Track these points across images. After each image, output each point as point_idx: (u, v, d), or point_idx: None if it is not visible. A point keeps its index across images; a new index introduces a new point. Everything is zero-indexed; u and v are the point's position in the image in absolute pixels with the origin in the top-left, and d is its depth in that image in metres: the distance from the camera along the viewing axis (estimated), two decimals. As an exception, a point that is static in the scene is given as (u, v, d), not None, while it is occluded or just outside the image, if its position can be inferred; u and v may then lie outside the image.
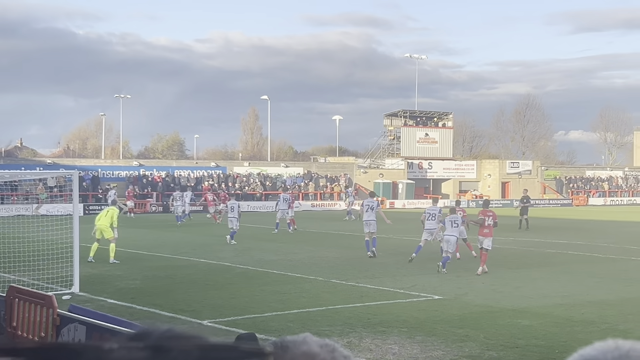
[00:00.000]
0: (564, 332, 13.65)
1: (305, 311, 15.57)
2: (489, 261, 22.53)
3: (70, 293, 17.26)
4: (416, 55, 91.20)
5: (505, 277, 20.98)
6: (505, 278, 20.74)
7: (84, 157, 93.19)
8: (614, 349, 1.06)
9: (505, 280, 20.27)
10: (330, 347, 1.06)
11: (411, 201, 69.89)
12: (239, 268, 22.50)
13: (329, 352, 1.04)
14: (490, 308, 16.02)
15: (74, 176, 18.90)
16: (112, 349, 0.57)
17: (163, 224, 43.17)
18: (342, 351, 1.06)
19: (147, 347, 0.57)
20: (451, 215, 23.16)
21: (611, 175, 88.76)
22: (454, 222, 22.90)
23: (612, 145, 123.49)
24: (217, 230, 38.37)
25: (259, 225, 42.25)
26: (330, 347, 1.05)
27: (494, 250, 28.37)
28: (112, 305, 15.97)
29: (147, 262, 24.03)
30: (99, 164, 66.65)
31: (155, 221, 45.35)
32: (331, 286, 19.09)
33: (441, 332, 13.55)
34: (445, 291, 18.24)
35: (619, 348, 1.06)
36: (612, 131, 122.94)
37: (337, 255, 26.24)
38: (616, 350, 1.05)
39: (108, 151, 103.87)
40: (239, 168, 70.26)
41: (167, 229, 39.75)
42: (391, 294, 17.81)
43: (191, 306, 15.98)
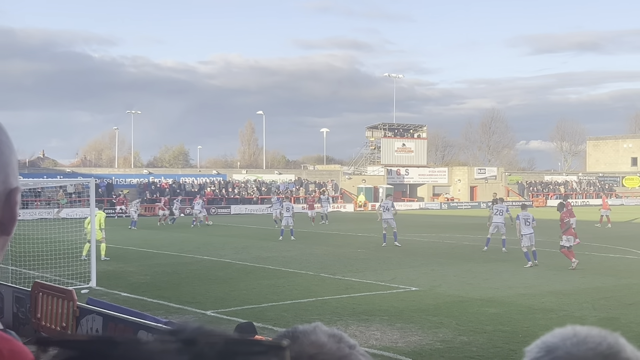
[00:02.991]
0: (526, 318, 13.69)
1: (297, 302, 15.55)
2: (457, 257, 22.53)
3: (88, 287, 17.20)
4: (394, 75, 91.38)
5: (474, 270, 21.01)
6: (474, 272, 20.77)
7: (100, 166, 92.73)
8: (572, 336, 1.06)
9: (474, 274, 20.30)
10: (338, 337, 1.05)
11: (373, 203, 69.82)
12: (238, 264, 22.46)
13: (336, 342, 1.04)
14: (461, 298, 16.04)
15: (90, 183, 18.85)
16: (148, 342, 0.59)
17: (170, 226, 43.03)
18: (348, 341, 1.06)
19: (178, 340, 0.59)
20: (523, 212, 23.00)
21: (567, 180, 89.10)
22: (527, 220, 22.66)
23: (568, 153, 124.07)
24: (217, 231, 38.30)
25: (256, 226, 42.18)
26: (337, 337, 1.05)
27: (463, 247, 28.46)
28: (126, 298, 15.91)
29: (156, 259, 23.95)
30: (112, 172, 66.36)
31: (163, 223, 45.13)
32: (320, 280, 19.07)
33: (418, 319, 13.55)
34: (421, 283, 18.25)
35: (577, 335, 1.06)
36: (567, 141, 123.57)
37: (325, 253, 26.22)
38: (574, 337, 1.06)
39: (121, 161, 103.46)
40: (238, 175, 70.10)
41: (173, 230, 39.62)
42: (373, 286, 17.81)
43: (196, 298, 15.94)
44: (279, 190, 66.32)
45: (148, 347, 0.58)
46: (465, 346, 11.51)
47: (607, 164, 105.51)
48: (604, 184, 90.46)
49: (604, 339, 1.03)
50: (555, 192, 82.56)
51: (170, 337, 0.61)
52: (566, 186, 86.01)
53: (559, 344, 1.05)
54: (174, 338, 0.60)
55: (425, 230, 37.90)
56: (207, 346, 0.55)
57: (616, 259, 24.43)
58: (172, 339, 0.60)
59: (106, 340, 0.59)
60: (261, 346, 0.58)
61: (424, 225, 41.64)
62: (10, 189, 1.14)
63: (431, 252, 26.58)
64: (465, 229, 38.71)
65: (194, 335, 0.59)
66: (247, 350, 0.56)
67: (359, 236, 33.97)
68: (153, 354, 0.57)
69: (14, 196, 1.14)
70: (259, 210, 60.12)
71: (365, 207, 68.19)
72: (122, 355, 0.56)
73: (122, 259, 23.55)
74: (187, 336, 0.59)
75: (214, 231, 38.15)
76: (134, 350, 0.57)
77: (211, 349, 0.55)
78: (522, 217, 22.64)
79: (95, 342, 0.58)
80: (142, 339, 0.63)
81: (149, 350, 0.57)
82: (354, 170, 79.35)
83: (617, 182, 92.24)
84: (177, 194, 61.67)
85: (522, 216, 22.69)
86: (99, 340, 0.59)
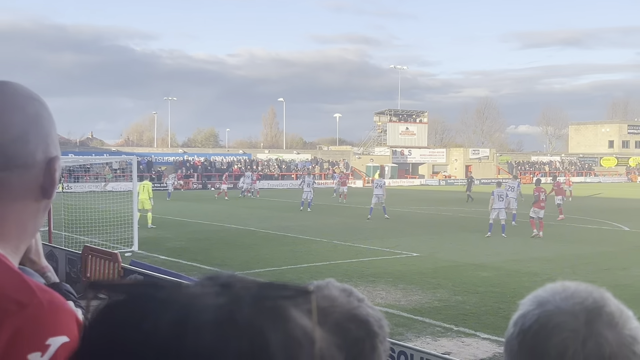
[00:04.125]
0: (513, 281, 13.66)
1: (313, 265, 15.60)
2: (454, 227, 22.46)
3: (131, 251, 17.31)
4: (399, 66, 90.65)
5: (468, 239, 20.95)
6: (468, 240, 20.71)
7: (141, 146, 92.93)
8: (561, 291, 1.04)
9: (468, 242, 20.24)
10: (348, 291, 1.05)
11: (395, 180, 69.82)
12: (261, 232, 22.53)
13: (346, 296, 1.03)
14: (457, 263, 16.02)
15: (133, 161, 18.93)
16: (189, 286, 0.60)
17: (202, 198, 43.19)
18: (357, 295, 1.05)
19: (216, 285, 0.59)
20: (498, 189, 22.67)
21: (551, 160, 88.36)
22: (500, 196, 22.26)
23: (552, 136, 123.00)
24: (243, 204, 38.42)
25: (277, 199, 42.25)
26: (347, 292, 1.04)
27: (458, 218, 28.38)
28: (164, 261, 16.01)
29: (190, 227, 24.07)
30: (152, 151, 66.55)
31: (196, 196, 45.35)
32: (333, 246, 19.11)
33: (418, 281, 13.57)
34: (421, 250, 18.24)
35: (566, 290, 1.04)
36: (552, 125, 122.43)
37: (338, 222, 26.23)
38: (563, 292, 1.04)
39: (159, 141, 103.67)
40: (261, 155, 70.12)
41: (205, 202, 39.77)
42: (379, 252, 17.83)
43: (225, 262, 16.02)
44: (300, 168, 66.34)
45: (189, 290, 0.58)
46: (460, 304, 11.52)
47: (587, 146, 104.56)
48: (584, 164, 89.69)
49: (590, 293, 1.02)
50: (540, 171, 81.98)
51: (208, 282, 0.60)
52: (550, 165, 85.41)
53: (549, 298, 1.03)
54: (212, 283, 0.60)
55: (426, 203, 37.81)
56: (242, 290, 0.55)
57: (593, 230, 24.28)
58: (210, 284, 0.59)
59: (151, 283, 0.58)
60: (290, 290, 0.58)
61: (425, 199, 41.54)
62: (50, 157, 1.16)
63: (431, 223, 26.54)
64: (461, 203, 38.58)
65: (230, 280, 0.60)
66: (277, 294, 0.56)
67: (367, 209, 33.92)
68: (194, 296, 0.57)
69: (54, 164, 1.16)
70: (280, 185, 60.24)
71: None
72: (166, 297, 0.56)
73: (160, 226, 23.68)
74: (224, 281, 0.60)
75: (240, 203, 38.26)
76: (176, 292, 0.57)
77: (246, 292, 0.55)
78: (497, 193, 22.51)
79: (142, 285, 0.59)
80: (183, 283, 0.63)
81: (190, 293, 0.57)
82: (363, 150, 79.17)
83: (595, 162, 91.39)
84: (208, 171, 61.92)
85: (497, 192, 22.57)
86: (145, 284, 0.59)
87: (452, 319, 10.50)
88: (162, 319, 0.54)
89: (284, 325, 0.56)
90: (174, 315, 0.55)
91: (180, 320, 0.54)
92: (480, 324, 10.24)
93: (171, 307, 0.55)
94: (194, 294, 0.57)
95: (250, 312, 0.55)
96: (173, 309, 0.55)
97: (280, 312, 0.56)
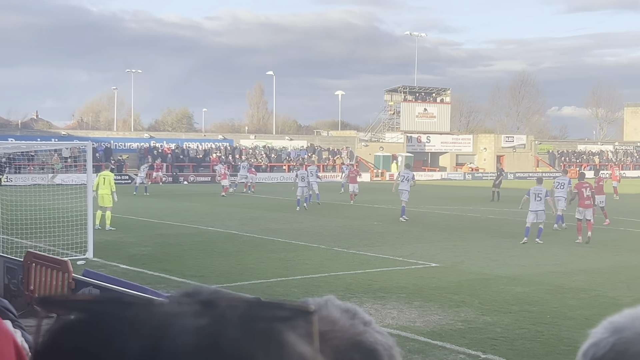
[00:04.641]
0: (555, 298, 13.68)
1: (308, 277, 15.61)
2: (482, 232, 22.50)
3: (84, 258, 17.30)
4: (416, 33, 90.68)
5: (499, 246, 20.99)
6: (500, 247, 20.75)
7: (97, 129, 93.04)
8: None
9: (500, 249, 20.28)
10: (352, 312, 1.02)
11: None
12: (245, 236, 22.54)
13: (349, 319, 1.01)
14: (485, 275, 16.05)
15: (87, 147, 18.90)
16: (162, 303, 0.59)
17: (173, 194, 43.19)
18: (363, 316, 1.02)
19: (197, 302, 0.58)
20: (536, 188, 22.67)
21: (602, 150, 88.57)
22: (538, 195, 22.33)
23: (603, 120, 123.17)
24: (224, 200, 38.41)
25: (265, 196, 42.27)
26: (351, 313, 1.02)
27: (488, 220, 28.44)
28: (125, 271, 16.02)
29: (158, 229, 24.09)
30: (111, 136, 66.55)
31: (166, 191, 45.36)
32: (333, 254, 19.13)
33: (438, 297, 13.58)
34: (442, 259, 18.27)
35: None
36: (603, 107, 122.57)
37: (339, 225, 26.27)
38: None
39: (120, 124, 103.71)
40: (245, 141, 70.14)
41: (176, 198, 39.77)
42: (390, 262, 17.84)
43: (200, 272, 16.03)
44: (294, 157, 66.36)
45: (163, 308, 0.57)
46: (488, 327, 11.53)
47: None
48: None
49: None
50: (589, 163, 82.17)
51: (186, 298, 0.59)
52: (601, 156, 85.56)
53: (627, 324, 1.03)
54: (191, 300, 0.58)
55: (447, 202, 37.87)
56: (227, 309, 0.54)
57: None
58: (188, 301, 0.58)
59: (116, 300, 0.57)
60: (287, 310, 0.57)
61: (446, 197, 41.61)
62: None
63: (453, 226, 26.58)
64: (490, 201, 38.64)
65: (212, 296, 0.59)
66: (270, 314, 0.55)
67: (375, 208, 34.00)
68: (169, 315, 0.56)
69: None
70: (268, 178, 60.31)
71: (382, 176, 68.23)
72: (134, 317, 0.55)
73: (121, 228, 23.68)
74: (206, 298, 0.59)
75: (219, 201, 38.26)
76: (147, 311, 0.56)
77: (233, 312, 0.54)
78: (534, 192, 22.51)
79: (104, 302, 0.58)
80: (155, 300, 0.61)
81: (164, 312, 0.56)
82: (371, 136, 79.22)
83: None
84: (180, 160, 61.98)
85: (534, 191, 22.57)
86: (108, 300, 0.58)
87: (479, 344, 10.51)
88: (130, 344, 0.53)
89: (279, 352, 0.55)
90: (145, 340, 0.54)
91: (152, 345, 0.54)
92: (514, 350, 10.26)
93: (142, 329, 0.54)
94: (169, 313, 0.56)
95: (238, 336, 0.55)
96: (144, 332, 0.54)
97: (274, 337, 0.55)
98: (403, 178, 29.57)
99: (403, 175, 30.03)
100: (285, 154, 68.43)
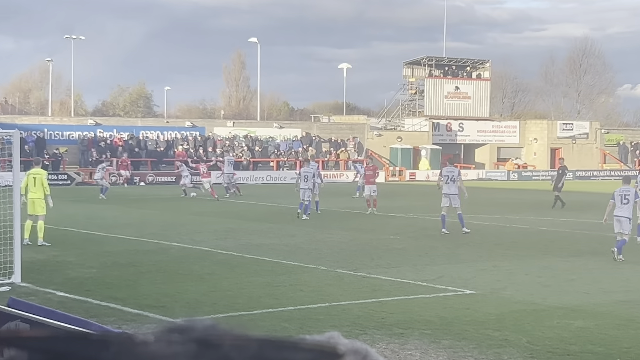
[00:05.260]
0: (627, 335, 13.67)
1: (304, 308, 15.59)
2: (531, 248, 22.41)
3: (9, 284, 17.28)
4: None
5: (554, 267, 20.98)
6: (554, 269, 20.74)
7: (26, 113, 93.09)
8: None
9: (554, 272, 20.27)
10: (362, 353, 1.02)
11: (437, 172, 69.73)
12: (220, 254, 22.51)
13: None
14: (536, 306, 16.03)
15: (14, 137, 18.88)
16: (146, 342, 0.58)
17: (125, 198, 43.15)
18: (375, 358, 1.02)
19: (192, 341, 0.57)
20: None
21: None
22: (625, 196, 22.60)
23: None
24: (192, 207, 38.36)
25: (247, 201, 42.23)
26: (361, 354, 1.01)
27: (539, 234, 28.40)
28: (62, 299, 16.00)
29: (105, 245, 24.05)
30: (45, 123, 66.56)
31: (117, 195, 45.30)
32: (336, 277, 19.11)
33: (473, 335, 13.58)
34: (479, 284, 18.25)
35: None
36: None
37: (344, 239, 26.24)
38: None
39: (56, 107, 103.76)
40: (221, 129, 70.15)
41: (131, 204, 39.72)
42: (411, 288, 17.83)
43: (160, 301, 16.01)
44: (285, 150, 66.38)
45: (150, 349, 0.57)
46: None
47: None
48: None
49: None
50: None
51: (177, 335, 0.58)
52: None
53: None
54: (184, 337, 0.57)
55: (486, 209, 37.82)
56: (233, 350, 0.56)
57: None
58: (180, 339, 0.57)
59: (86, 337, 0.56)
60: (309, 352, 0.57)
61: (484, 203, 41.55)
62: None
63: (493, 240, 26.58)
64: (543, 208, 38.61)
65: (211, 334, 0.58)
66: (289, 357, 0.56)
67: (391, 217, 33.97)
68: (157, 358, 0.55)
69: None
70: (251, 178, 60.26)
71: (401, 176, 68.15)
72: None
73: (57, 243, 23.64)
74: (202, 335, 0.58)
75: (186, 207, 38.23)
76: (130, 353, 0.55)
77: (240, 355, 0.55)
78: (620, 194, 22.58)
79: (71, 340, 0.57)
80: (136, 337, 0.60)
81: (152, 354, 0.56)
82: (386, 123, 79.22)
83: None
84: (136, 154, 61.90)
85: (620, 192, 22.62)
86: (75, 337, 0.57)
87: (528, 396, 10.51)
88: None
89: None
90: None
91: None
92: (573, 404, 10.26)
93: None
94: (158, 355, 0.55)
95: None
96: None
97: None
98: (447, 178, 29.02)
99: (447, 174, 29.39)
100: (273, 146, 68.46)
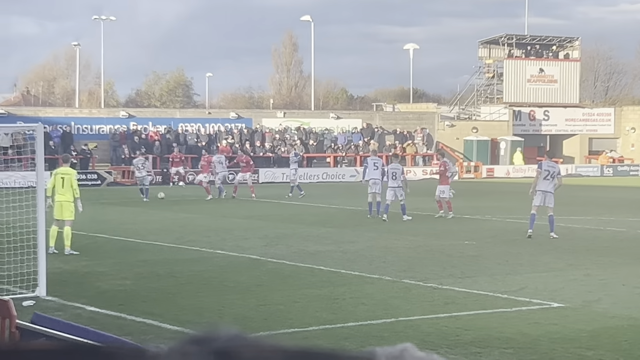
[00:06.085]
0: None
1: (366, 324, 15.62)
2: (629, 255, 22.21)
3: (33, 297, 17.43)
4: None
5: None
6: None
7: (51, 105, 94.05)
8: None
9: (657, 281, 20.10)
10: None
11: (519, 167, 69.45)
12: (270, 263, 22.59)
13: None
14: (634, 321, 15.90)
15: (37, 132, 19.08)
16: (159, 354, 0.59)
17: (162, 200, 43.44)
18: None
19: (209, 353, 0.58)
20: None
21: None
22: None
23: None
24: (238, 210, 38.51)
25: (300, 203, 42.31)
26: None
27: (638, 238, 28.12)
28: (93, 315, 16.14)
29: (141, 254, 24.23)
30: (71, 115, 67.11)
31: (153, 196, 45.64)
32: (403, 289, 19.11)
33: (562, 354, 13.52)
34: (568, 296, 18.15)
35: None
36: None
37: (411, 245, 26.22)
38: None
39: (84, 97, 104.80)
40: (270, 120, 70.37)
41: (169, 207, 39.98)
42: (489, 300, 17.78)
43: (203, 317, 16.09)
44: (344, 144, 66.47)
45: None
46: (640, 399, 11.46)
47: None
48: None
49: None
50: None
51: (195, 347, 0.59)
52: None
53: None
54: (202, 349, 0.59)
55: (576, 210, 37.57)
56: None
57: None
58: (198, 350, 0.59)
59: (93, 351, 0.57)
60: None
61: (574, 202, 41.26)
62: None
63: (585, 245, 26.40)
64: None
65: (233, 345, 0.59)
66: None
67: (465, 220, 33.86)
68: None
69: None
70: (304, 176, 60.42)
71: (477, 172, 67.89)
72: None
73: (87, 252, 23.87)
74: (223, 346, 0.59)
75: (232, 210, 38.41)
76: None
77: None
78: None
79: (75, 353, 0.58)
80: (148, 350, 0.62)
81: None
82: (459, 112, 78.99)
83: None
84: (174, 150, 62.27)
85: None
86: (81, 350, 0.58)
87: None
88: None
89: None
90: None
91: None
92: None
93: None
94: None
95: None
96: None
97: None
98: (548, 174, 28.20)
99: (548, 169, 28.43)
100: (329, 139, 68.52)
